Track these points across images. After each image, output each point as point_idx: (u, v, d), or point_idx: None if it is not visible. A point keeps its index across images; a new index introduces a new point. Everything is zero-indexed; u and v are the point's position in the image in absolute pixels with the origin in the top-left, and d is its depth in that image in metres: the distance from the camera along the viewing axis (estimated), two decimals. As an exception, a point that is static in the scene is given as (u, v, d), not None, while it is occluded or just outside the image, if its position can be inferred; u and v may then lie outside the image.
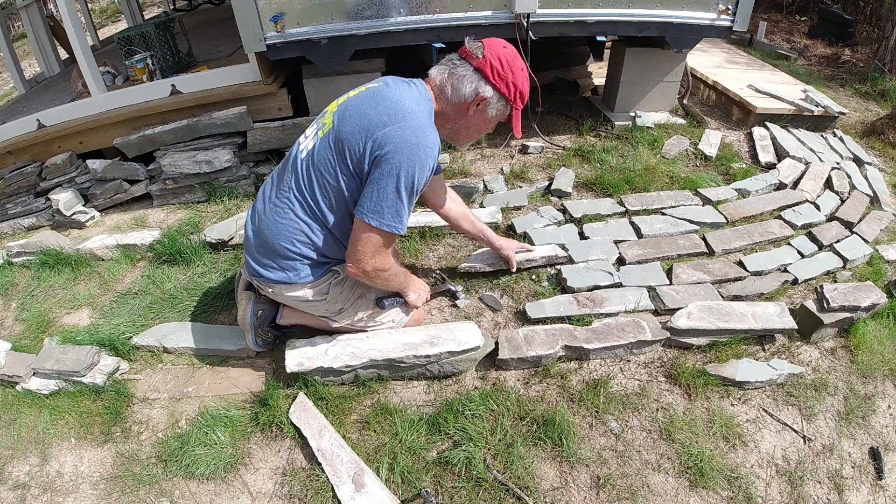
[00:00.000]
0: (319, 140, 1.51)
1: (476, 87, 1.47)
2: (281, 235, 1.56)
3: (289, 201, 1.55)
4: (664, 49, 3.06)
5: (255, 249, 1.64)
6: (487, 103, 1.50)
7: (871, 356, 1.97)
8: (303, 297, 1.66)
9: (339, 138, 1.45)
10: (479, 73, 1.47)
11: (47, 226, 2.90)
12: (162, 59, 3.09)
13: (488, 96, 1.49)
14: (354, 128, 1.43)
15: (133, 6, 5.29)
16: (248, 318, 1.81)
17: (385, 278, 1.60)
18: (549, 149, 3.09)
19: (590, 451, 1.64)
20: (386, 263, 1.55)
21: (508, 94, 1.50)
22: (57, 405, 1.85)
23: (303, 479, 1.59)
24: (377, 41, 2.64)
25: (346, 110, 1.49)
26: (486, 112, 1.53)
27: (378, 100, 1.45)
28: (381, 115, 1.41)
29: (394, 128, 1.39)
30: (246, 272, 1.75)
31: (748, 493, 1.57)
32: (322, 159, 1.48)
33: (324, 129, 1.52)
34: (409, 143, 1.38)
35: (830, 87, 4.46)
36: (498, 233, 2.42)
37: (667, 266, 2.22)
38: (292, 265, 1.60)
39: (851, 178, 2.88)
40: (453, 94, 1.50)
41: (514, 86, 1.49)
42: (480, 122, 1.56)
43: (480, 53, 1.47)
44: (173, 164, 2.72)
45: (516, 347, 1.82)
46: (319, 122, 1.57)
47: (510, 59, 1.48)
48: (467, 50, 1.49)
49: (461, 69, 1.48)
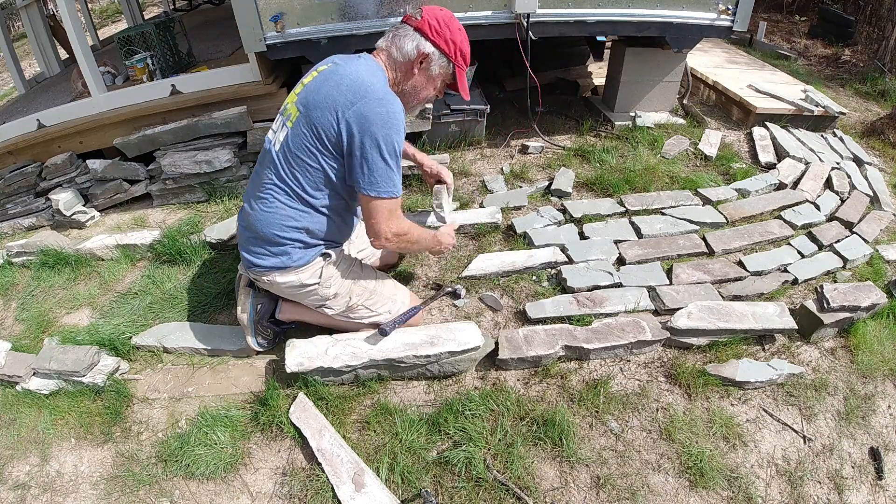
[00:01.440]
0: (290, 130, 1.57)
1: (417, 44, 1.58)
2: (269, 223, 1.62)
3: (272, 191, 1.61)
4: (664, 49, 3.06)
5: (247, 242, 1.70)
6: (430, 60, 1.60)
7: (871, 356, 1.97)
8: (297, 281, 1.68)
9: (311, 124, 1.52)
10: (418, 31, 1.58)
11: (47, 226, 2.89)
12: (162, 59, 3.09)
13: (429, 51, 1.59)
14: (323, 111, 1.50)
15: (133, 6, 5.29)
16: (247, 313, 1.82)
17: (409, 240, 1.69)
18: (549, 149, 3.09)
19: (590, 451, 1.64)
20: (402, 227, 1.64)
21: (448, 51, 1.60)
22: (57, 405, 1.85)
23: (303, 479, 1.59)
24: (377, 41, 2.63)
25: (308, 96, 1.56)
26: (430, 69, 1.62)
27: (338, 80, 1.53)
28: (345, 94, 1.48)
29: (361, 104, 1.47)
30: (243, 269, 1.77)
31: (748, 493, 1.57)
32: (298, 145, 1.54)
33: (291, 119, 1.58)
34: (379, 115, 1.48)
35: (830, 87, 4.46)
36: (497, 233, 2.43)
37: (667, 266, 2.22)
38: (284, 250, 1.64)
39: (851, 178, 2.88)
40: (398, 54, 1.60)
41: (452, 42, 1.59)
42: (426, 80, 1.65)
43: (419, 16, 1.59)
44: (173, 164, 2.71)
45: (516, 347, 1.82)
46: (283, 116, 1.64)
47: (447, 18, 1.60)
48: (408, 15, 1.62)
49: (402, 31, 1.60)
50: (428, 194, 2.71)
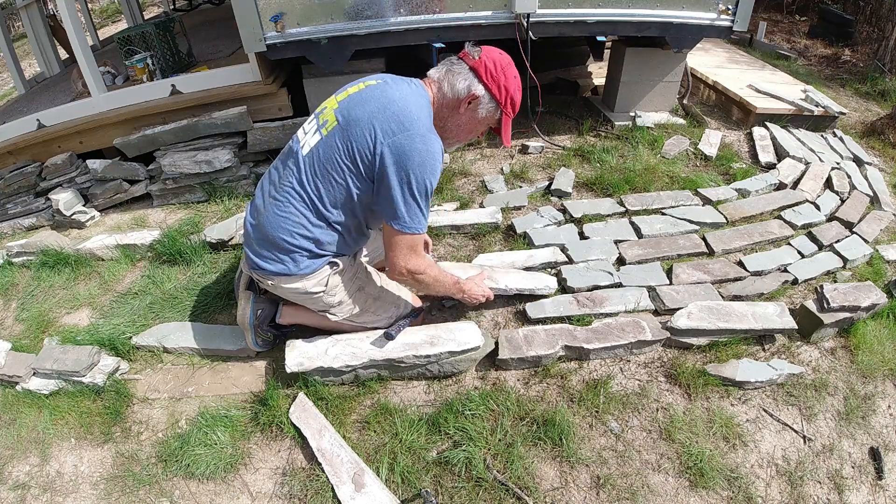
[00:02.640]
0: (324, 138, 1.53)
1: (469, 84, 1.54)
2: (280, 228, 1.58)
3: (289, 195, 1.57)
4: (664, 49, 3.06)
5: (254, 242, 1.66)
6: (479, 102, 1.56)
7: (871, 356, 1.97)
8: (302, 288, 1.66)
9: (347, 139, 1.48)
10: (473, 71, 1.54)
11: (47, 226, 2.90)
12: (162, 59, 3.09)
13: (479, 94, 1.55)
14: (363, 131, 1.46)
15: (133, 6, 5.29)
16: (247, 318, 1.81)
17: (424, 280, 1.65)
18: (549, 149, 3.09)
19: (590, 451, 1.64)
20: (420, 265, 1.60)
21: (499, 97, 1.56)
22: (57, 405, 1.85)
23: (303, 479, 1.59)
24: (377, 41, 2.64)
25: (351, 110, 1.51)
26: (477, 112, 1.58)
27: (385, 103, 1.49)
28: (389, 122, 1.45)
29: (403, 136, 1.44)
30: (246, 266, 1.76)
31: (748, 493, 1.57)
32: (329, 158, 1.51)
33: (327, 127, 1.54)
34: (419, 152, 1.45)
35: (830, 87, 4.46)
36: (497, 233, 2.42)
37: (667, 266, 2.22)
38: (291, 257, 1.61)
39: (851, 178, 2.88)
40: (449, 90, 1.56)
41: (505, 89, 1.55)
42: (471, 121, 1.62)
43: (477, 55, 1.55)
44: (173, 164, 2.72)
45: (516, 347, 1.82)
46: (319, 119, 1.59)
47: (504, 64, 1.55)
48: (466, 52, 1.57)
49: (458, 67, 1.56)
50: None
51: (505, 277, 2.07)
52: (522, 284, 2.06)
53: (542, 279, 2.10)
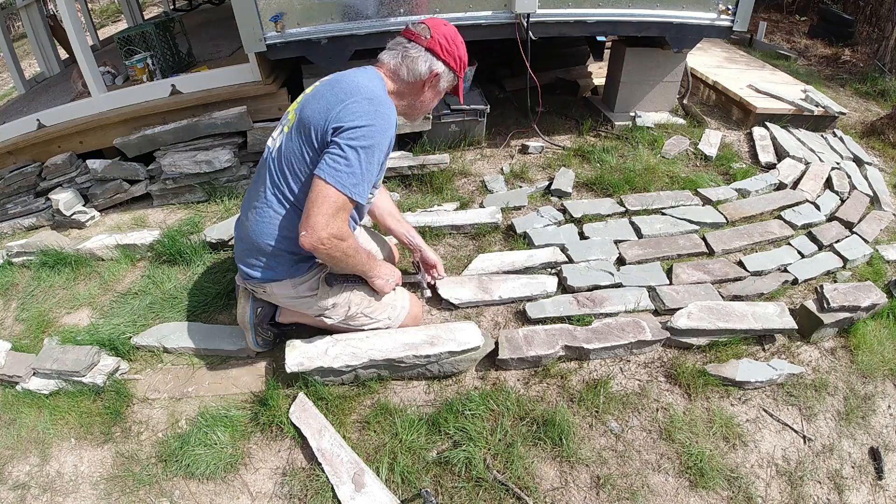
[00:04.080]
0: (286, 135, 1.57)
1: (430, 64, 1.58)
2: (263, 234, 1.59)
3: (266, 200, 1.58)
4: (664, 49, 3.06)
5: (242, 254, 1.68)
6: (440, 78, 1.63)
7: (871, 356, 1.97)
8: (294, 293, 1.67)
9: (303, 124, 1.51)
10: (430, 51, 1.58)
11: (47, 226, 2.89)
12: (162, 59, 3.09)
13: (440, 71, 1.61)
14: (314, 110, 1.50)
15: (133, 6, 5.29)
16: (247, 316, 1.81)
17: (344, 251, 1.50)
18: (549, 149, 3.09)
19: (590, 451, 1.64)
20: (344, 231, 1.47)
21: (456, 67, 1.63)
22: (57, 405, 1.85)
23: (303, 479, 1.59)
24: (377, 41, 2.63)
25: (306, 102, 1.56)
26: (439, 86, 1.65)
27: (333, 84, 1.54)
28: (337, 94, 1.48)
29: (351, 100, 1.46)
30: (240, 278, 1.76)
31: (748, 493, 1.57)
32: (289, 149, 1.54)
33: (289, 124, 1.58)
34: (368, 113, 1.45)
35: (830, 87, 4.46)
36: (497, 233, 2.42)
37: (667, 266, 2.22)
38: (279, 261, 1.62)
39: (851, 178, 2.88)
40: (409, 75, 1.59)
41: (459, 59, 1.63)
42: (434, 95, 1.68)
43: (428, 34, 1.58)
44: (173, 164, 2.71)
45: (516, 347, 1.82)
46: (283, 122, 1.63)
47: (453, 35, 1.61)
48: (413, 32, 1.60)
49: (413, 51, 1.58)
50: (427, 194, 2.71)
51: (500, 287, 2.08)
52: (518, 293, 2.07)
53: (540, 284, 2.10)
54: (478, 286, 2.10)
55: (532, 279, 2.12)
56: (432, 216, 2.44)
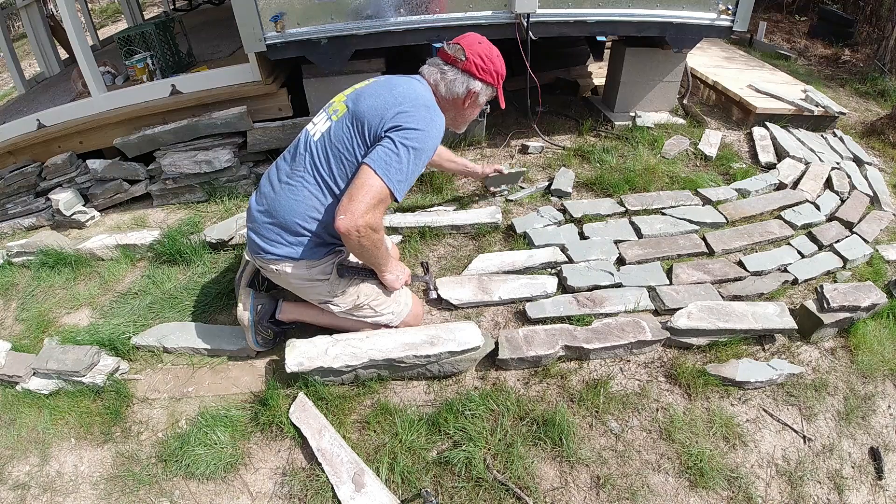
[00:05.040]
0: (334, 123, 1.61)
1: (467, 85, 1.66)
2: (294, 212, 1.61)
3: (303, 179, 1.61)
4: (664, 49, 3.06)
5: (261, 227, 1.67)
6: (478, 94, 1.70)
7: (871, 356, 1.97)
8: (307, 275, 1.68)
9: (356, 117, 1.56)
10: (466, 73, 1.65)
11: (47, 226, 2.90)
12: (162, 59, 3.09)
13: (478, 90, 1.68)
14: (371, 106, 1.56)
15: (133, 6, 5.28)
16: (247, 313, 1.82)
17: (374, 242, 1.54)
18: (549, 149, 3.09)
19: (590, 451, 1.64)
20: (378, 223, 1.52)
21: (493, 81, 1.70)
22: (57, 405, 1.85)
23: (303, 479, 1.59)
24: (377, 41, 2.64)
25: (360, 95, 1.61)
26: (478, 100, 1.73)
27: (391, 86, 1.61)
28: (396, 97, 1.56)
29: (410, 105, 1.55)
30: (249, 254, 1.76)
31: (748, 493, 1.57)
32: (339, 137, 1.58)
33: (337, 114, 1.62)
34: (423, 119, 1.54)
35: (830, 87, 4.46)
36: (497, 233, 2.43)
37: (667, 266, 2.22)
38: (300, 241, 1.64)
39: (851, 178, 2.88)
40: (448, 93, 1.67)
41: (496, 73, 1.69)
42: (473, 108, 1.76)
43: (463, 56, 1.64)
44: (173, 164, 2.72)
45: (516, 347, 1.82)
46: (328, 111, 1.67)
47: (488, 52, 1.67)
48: (449, 55, 1.66)
49: (450, 73, 1.66)
50: (427, 194, 2.71)
51: (500, 288, 2.08)
52: (518, 293, 2.07)
53: (540, 284, 2.10)
54: (478, 286, 2.10)
55: (532, 279, 2.12)
56: (432, 216, 2.44)
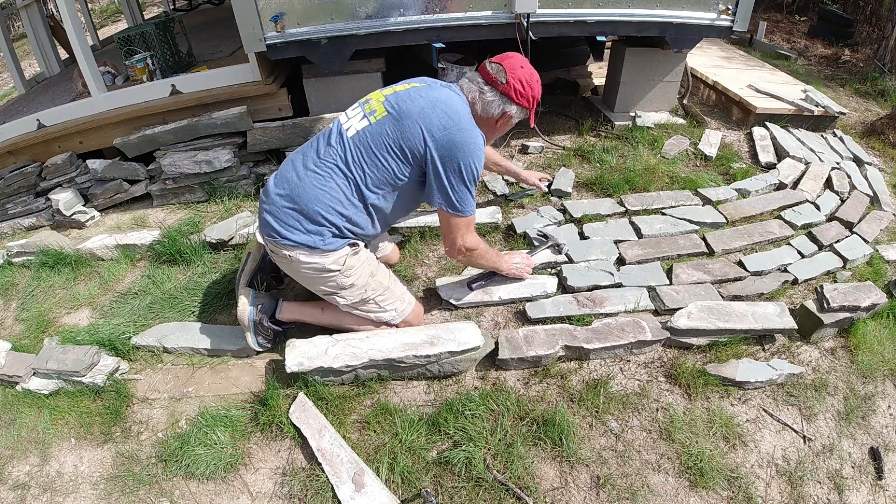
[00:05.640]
0: (373, 124, 1.65)
1: (503, 107, 1.72)
2: (317, 201, 1.63)
3: (332, 171, 1.64)
4: (664, 49, 3.06)
5: (279, 211, 1.67)
6: (512, 116, 1.76)
7: (871, 356, 1.97)
8: (320, 265, 1.68)
9: (398, 129, 1.62)
10: (504, 96, 1.70)
11: (47, 226, 2.90)
12: (162, 59, 3.09)
13: (513, 113, 1.74)
14: (415, 123, 1.61)
15: (133, 6, 5.29)
16: (247, 312, 1.82)
17: (479, 255, 1.86)
18: (549, 149, 3.09)
19: (590, 451, 1.64)
20: (474, 242, 1.81)
21: (529, 106, 1.76)
22: (57, 405, 1.85)
23: (303, 479, 1.59)
24: (377, 41, 2.64)
25: (401, 103, 1.65)
26: (511, 121, 1.79)
27: (433, 100, 1.65)
28: (439, 117, 1.61)
29: (453, 130, 1.61)
30: (261, 233, 1.76)
31: (748, 493, 1.57)
32: (379, 142, 1.63)
33: (376, 116, 1.66)
34: (466, 143, 1.62)
35: (830, 87, 4.46)
36: (497, 232, 2.43)
37: (667, 266, 2.22)
38: (319, 230, 1.65)
39: (851, 178, 2.88)
40: (483, 112, 1.72)
41: (533, 98, 1.74)
42: (504, 127, 1.82)
43: (504, 79, 1.68)
44: (173, 164, 2.72)
45: (516, 347, 1.82)
46: (365, 108, 1.70)
47: (528, 78, 1.71)
48: (490, 74, 1.70)
49: (489, 95, 1.70)
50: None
51: (500, 288, 2.08)
52: (518, 293, 2.07)
53: (540, 285, 2.10)
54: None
55: (532, 279, 2.12)
56: (432, 216, 2.44)
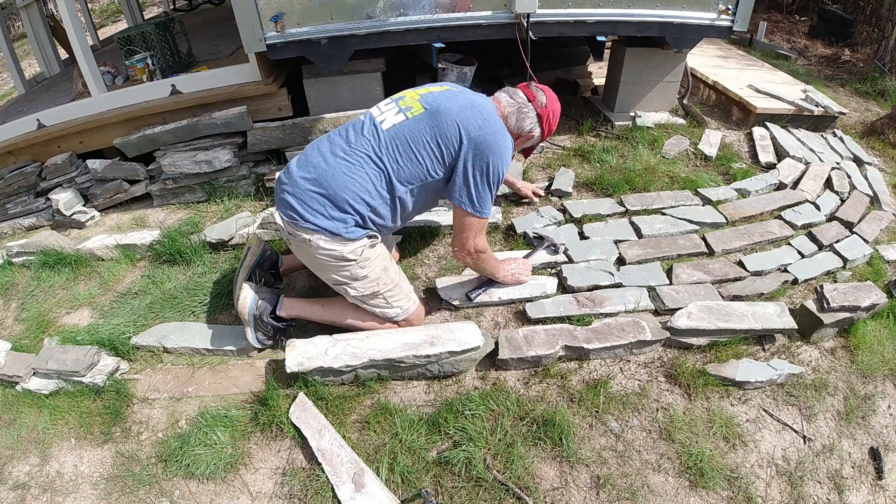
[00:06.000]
0: (409, 120, 1.71)
1: (532, 127, 1.88)
2: (346, 188, 1.65)
3: (363, 160, 1.67)
4: (664, 49, 3.06)
5: (304, 194, 1.67)
6: (533, 138, 1.92)
7: (871, 356, 1.97)
8: (338, 252, 1.69)
9: (435, 125, 1.68)
10: (539, 118, 1.87)
11: (47, 226, 2.90)
12: (162, 59, 3.09)
13: (536, 135, 1.91)
14: (452, 120, 1.68)
15: (133, 6, 5.29)
16: (248, 306, 1.82)
17: (484, 259, 1.90)
18: (549, 149, 3.09)
19: (590, 451, 1.64)
20: (484, 245, 1.85)
21: (546, 136, 1.95)
22: (57, 405, 1.85)
23: (303, 479, 1.59)
24: (377, 41, 2.64)
25: (438, 102, 1.72)
26: (528, 142, 1.95)
27: (471, 102, 1.75)
28: (476, 118, 1.70)
29: (487, 131, 1.69)
30: (279, 214, 1.76)
31: (748, 493, 1.57)
32: (416, 138, 1.68)
33: (412, 112, 1.72)
34: (498, 146, 1.70)
35: (830, 87, 4.46)
36: (497, 233, 2.43)
37: (667, 266, 2.22)
38: (343, 218, 1.66)
39: (851, 178, 2.88)
40: (514, 124, 1.85)
41: (551, 130, 1.94)
42: (520, 146, 1.97)
43: (544, 102, 1.87)
44: (173, 164, 2.71)
45: (516, 347, 1.82)
46: (400, 104, 1.76)
47: (557, 111, 1.93)
48: (534, 95, 1.86)
49: (529, 112, 1.85)
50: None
51: (500, 288, 2.08)
52: (518, 293, 2.07)
53: (540, 285, 2.10)
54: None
55: (532, 279, 2.12)
56: (432, 216, 2.44)
